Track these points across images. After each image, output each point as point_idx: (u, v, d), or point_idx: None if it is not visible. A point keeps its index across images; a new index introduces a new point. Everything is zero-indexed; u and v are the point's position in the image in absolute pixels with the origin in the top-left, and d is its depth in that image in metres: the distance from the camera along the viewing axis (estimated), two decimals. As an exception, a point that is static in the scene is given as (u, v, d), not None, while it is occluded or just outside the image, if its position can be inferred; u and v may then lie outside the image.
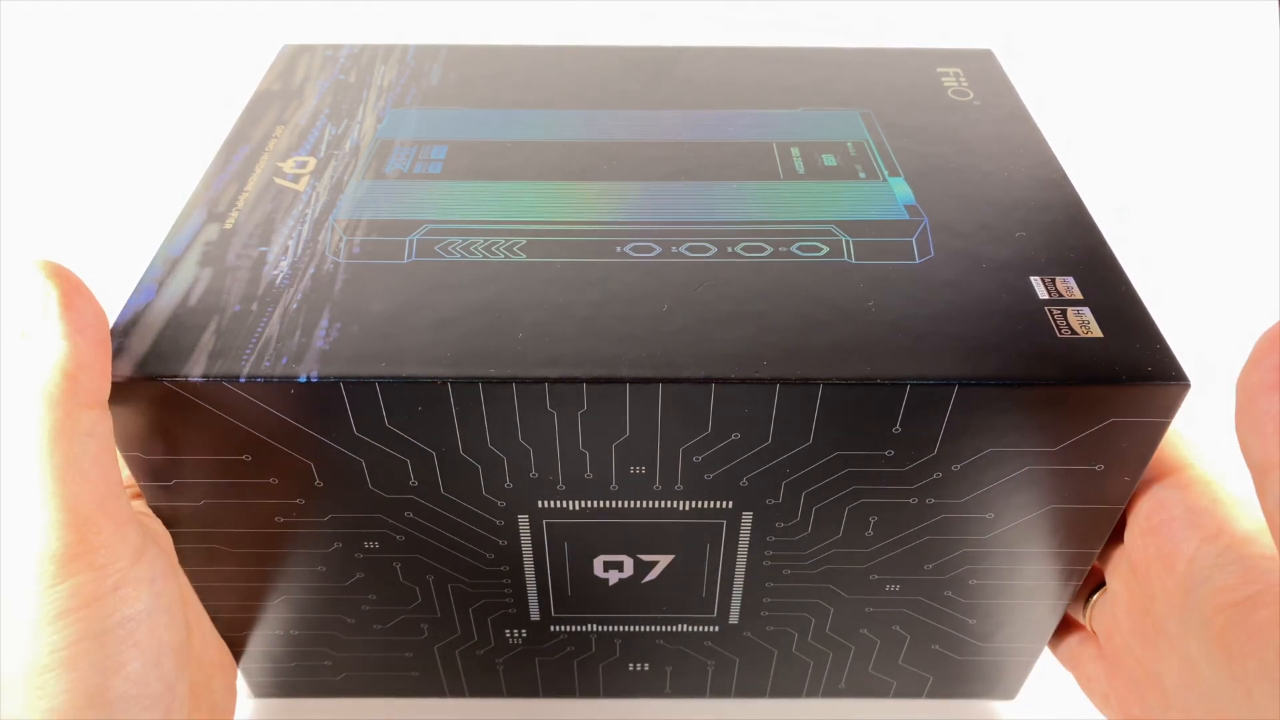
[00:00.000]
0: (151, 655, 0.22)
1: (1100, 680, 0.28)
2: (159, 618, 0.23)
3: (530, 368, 0.22)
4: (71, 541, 0.21)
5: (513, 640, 0.30)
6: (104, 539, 0.21)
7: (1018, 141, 0.31)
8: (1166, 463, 0.25)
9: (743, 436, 0.23)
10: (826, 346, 0.23)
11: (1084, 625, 0.29)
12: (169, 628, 0.23)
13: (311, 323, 0.23)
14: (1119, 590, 0.26)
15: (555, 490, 0.25)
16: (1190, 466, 0.25)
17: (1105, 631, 0.27)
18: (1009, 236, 0.27)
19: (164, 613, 0.23)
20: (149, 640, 0.22)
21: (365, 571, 0.27)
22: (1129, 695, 0.26)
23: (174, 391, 0.22)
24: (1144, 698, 0.26)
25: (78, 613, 0.21)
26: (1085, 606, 0.28)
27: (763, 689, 0.32)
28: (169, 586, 0.24)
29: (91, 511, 0.21)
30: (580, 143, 0.30)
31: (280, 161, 0.29)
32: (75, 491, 0.21)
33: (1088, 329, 0.24)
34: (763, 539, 0.26)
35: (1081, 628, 0.29)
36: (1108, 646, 0.27)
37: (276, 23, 0.67)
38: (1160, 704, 0.25)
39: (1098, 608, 0.28)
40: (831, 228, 0.27)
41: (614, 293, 0.24)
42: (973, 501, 0.25)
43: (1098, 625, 0.28)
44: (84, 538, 0.21)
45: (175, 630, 0.24)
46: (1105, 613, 0.27)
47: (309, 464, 0.24)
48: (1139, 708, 0.26)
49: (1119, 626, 0.26)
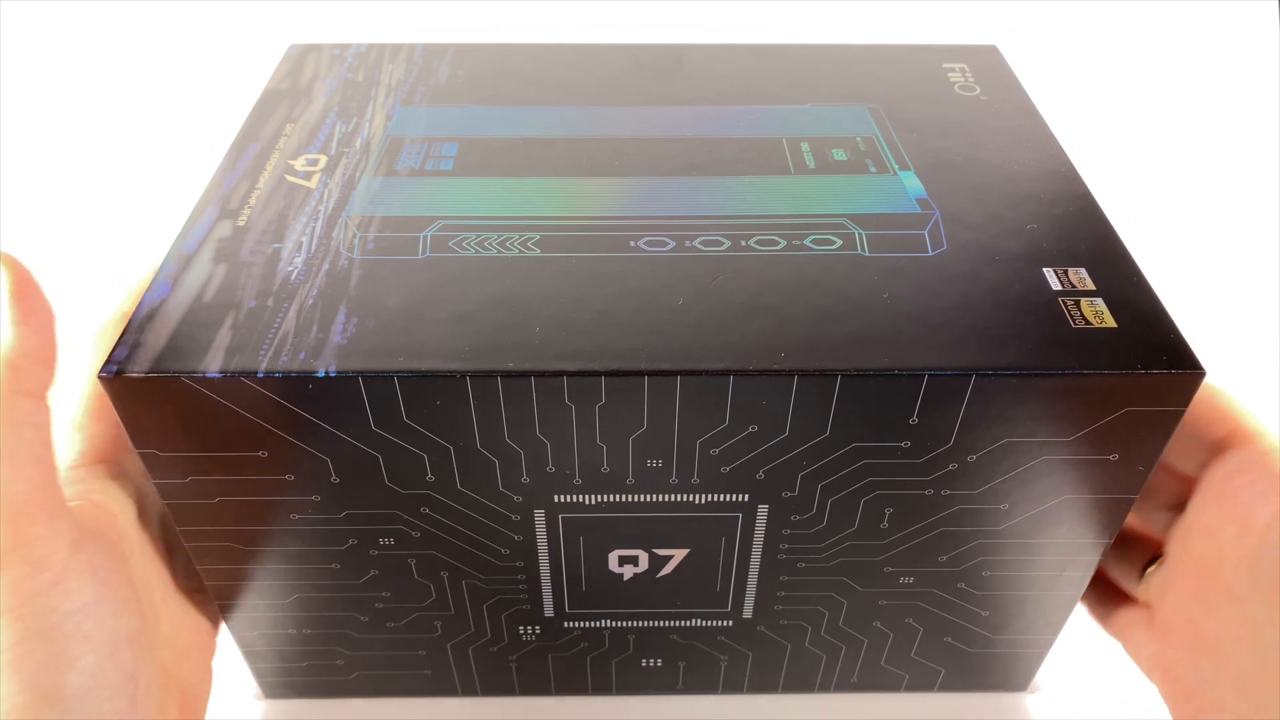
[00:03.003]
0: (105, 646, 0.22)
1: (1149, 646, 0.28)
2: (107, 607, 0.22)
3: (548, 361, 0.22)
4: (4, 535, 0.20)
5: (526, 637, 0.30)
6: (38, 531, 0.21)
7: (1025, 135, 0.31)
8: (1239, 432, 0.25)
9: (760, 429, 0.23)
10: (844, 338, 0.23)
11: (1136, 598, 0.29)
12: (120, 616, 0.22)
13: (328, 318, 0.23)
14: (1179, 557, 0.27)
15: (571, 484, 0.25)
16: (1263, 435, 0.25)
17: (1160, 600, 0.28)
18: (1020, 228, 0.27)
19: (113, 601, 0.22)
20: (100, 632, 0.22)
21: (379, 569, 0.27)
22: (1180, 660, 0.27)
23: (190, 387, 0.22)
24: (1196, 663, 0.26)
25: (17, 610, 0.20)
26: (1139, 579, 0.28)
27: (775, 684, 0.32)
28: (116, 575, 0.23)
29: (25, 503, 0.20)
30: (590, 139, 0.30)
31: (291, 159, 0.29)
32: (9, 481, 0.20)
33: (1101, 319, 0.24)
34: (778, 532, 0.26)
35: (1132, 600, 0.29)
36: (1160, 614, 0.27)
37: (280, 22, 0.67)
38: (1212, 668, 0.25)
39: (1154, 578, 0.28)
40: (844, 221, 0.27)
41: (629, 286, 0.24)
42: (988, 492, 0.25)
43: (1152, 594, 0.28)
44: (18, 530, 0.20)
45: (128, 618, 0.23)
46: (1161, 582, 0.27)
47: (326, 460, 0.24)
48: (1190, 673, 0.26)
49: (1176, 594, 0.27)
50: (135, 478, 0.26)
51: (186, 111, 0.59)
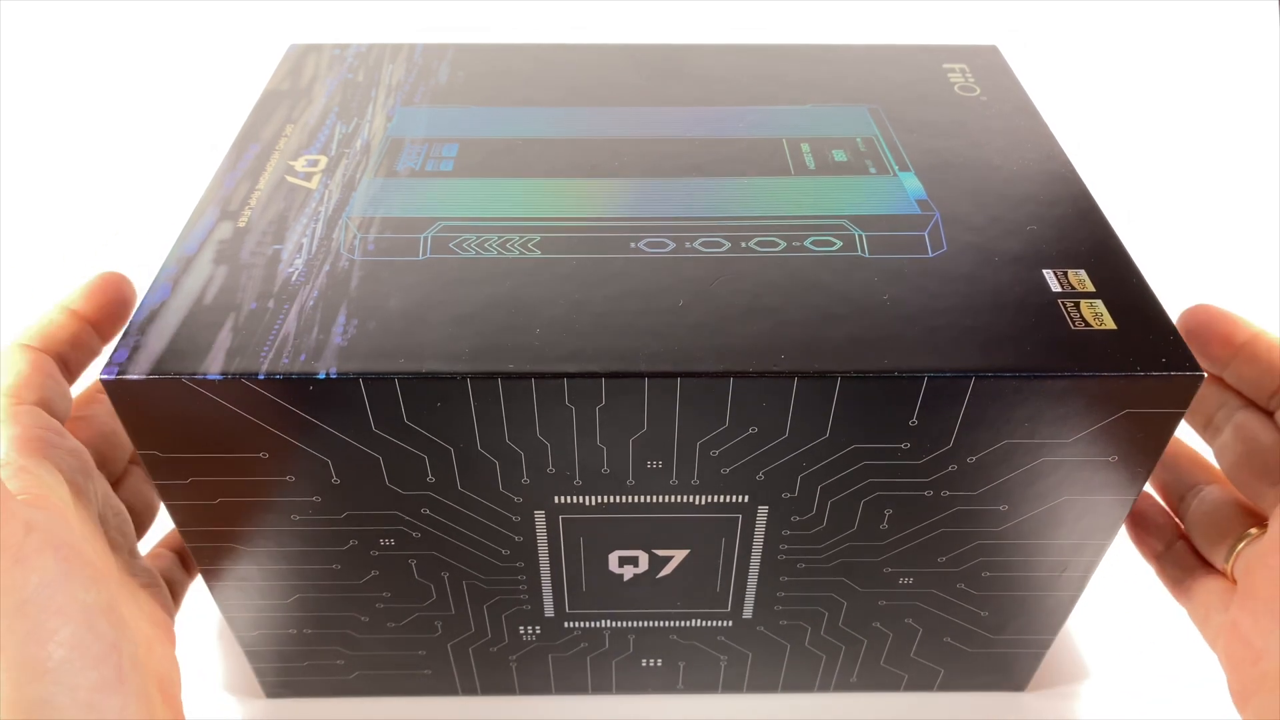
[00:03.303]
0: (80, 617, 0.22)
1: (1220, 614, 0.28)
2: (75, 580, 0.22)
3: (549, 363, 0.22)
4: None
5: (526, 637, 0.30)
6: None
7: (1025, 136, 0.31)
8: None
9: (760, 430, 0.23)
10: (843, 340, 0.23)
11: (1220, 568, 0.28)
12: (89, 590, 0.22)
13: (329, 319, 0.23)
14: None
15: (572, 485, 0.25)
16: None
17: (1247, 570, 0.27)
18: (1020, 230, 0.27)
19: (78, 576, 0.22)
20: (71, 605, 0.22)
21: (380, 569, 0.27)
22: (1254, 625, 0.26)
23: (191, 389, 0.22)
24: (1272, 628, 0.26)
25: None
26: (1228, 552, 0.28)
27: (775, 684, 0.32)
28: (75, 552, 0.23)
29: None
30: (591, 139, 0.30)
31: (291, 160, 0.29)
32: None
33: (1101, 321, 0.24)
34: (778, 533, 0.26)
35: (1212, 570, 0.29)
36: (1245, 584, 0.27)
37: (280, 22, 0.67)
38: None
39: (1246, 550, 0.27)
40: (844, 222, 0.27)
41: (629, 288, 0.24)
42: (987, 494, 0.25)
43: (1240, 565, 0.27)
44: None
45: (97, 592, 0.23)
46: (1256, 554, 0.27)
47: (326, 461, 0.24)
48: (1262, 638, 0.26)
49: (1270, 565, 0.26)
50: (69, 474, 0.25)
51: (187, 112, 0.59)
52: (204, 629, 0.34)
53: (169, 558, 0.29)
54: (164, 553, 0.29)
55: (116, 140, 0.58)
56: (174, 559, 0.29)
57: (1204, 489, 0.29)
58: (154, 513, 0.29)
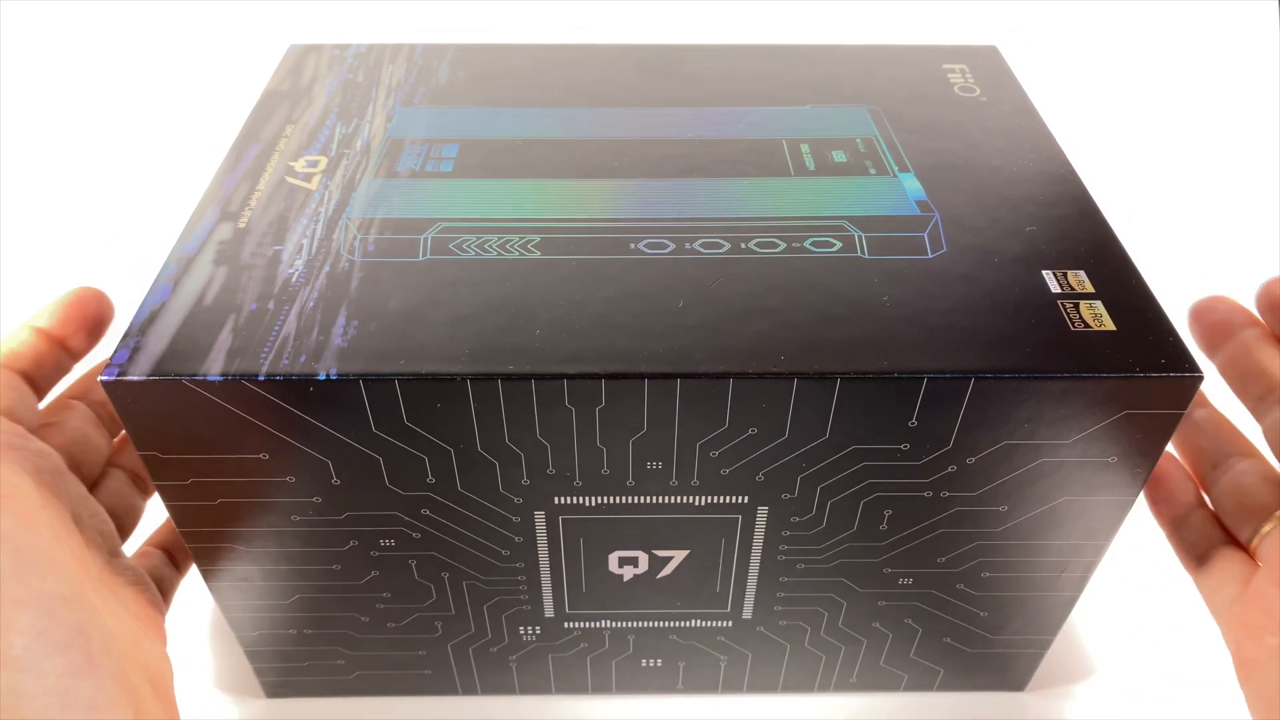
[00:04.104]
0: (39, 606, 0.22)
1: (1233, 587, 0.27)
2: (30, 570, 0.22)
3: (549, 364, 0.22)
4: None
5: (526, 637, 0.30)
6: None
7: (1025, 137, 0.31)
8: None
9: (759, 431, 0.23)
10: (843, 341, 0.23)
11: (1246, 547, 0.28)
12: (47, 579, 0.22)
13: (329, 320, 0.23)
14: None
15: (571, 486, 0.25)
16: None
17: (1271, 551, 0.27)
18: (1020, 231, 0.27)
19: (35, 566, 0.22)
20: (28, 594, 0.22)
21: (380, 569, 0.27)
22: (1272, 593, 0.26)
23: (192, 390, 0.22)
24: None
25: None
26: (1255, 531, 0.27)
27: (774, 684, 0.32)
28: (31, 543, 0.23)
29: None
30: (590, 140, 0.30)
31: (291, 160, 0.29)
32: None
33: (1100, 322, 0.24)
34: (777, 533, 0.26)
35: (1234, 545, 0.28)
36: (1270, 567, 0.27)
37: (280, 22, 0.67)
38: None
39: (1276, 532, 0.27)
40: (844, 223, 0.27)
41: (629, 289, 0.24)
42: (987, 494, 0.25)
43: (1268, 544, 0.27)
44: None
45: (56, 581, 0.23)
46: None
47: (327, 462, 0.24)
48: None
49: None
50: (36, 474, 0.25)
51: (187, 112, 0.59)
52: (203, 629, 0.34)
53: (157, 555, 0.29)
54: (151, 551, 0.29)
55: (117, 140, 0.58)
56: (162, 556, 0.29)
57: (1238, 461, 0.28)
58: (137, 515, 0.29)
